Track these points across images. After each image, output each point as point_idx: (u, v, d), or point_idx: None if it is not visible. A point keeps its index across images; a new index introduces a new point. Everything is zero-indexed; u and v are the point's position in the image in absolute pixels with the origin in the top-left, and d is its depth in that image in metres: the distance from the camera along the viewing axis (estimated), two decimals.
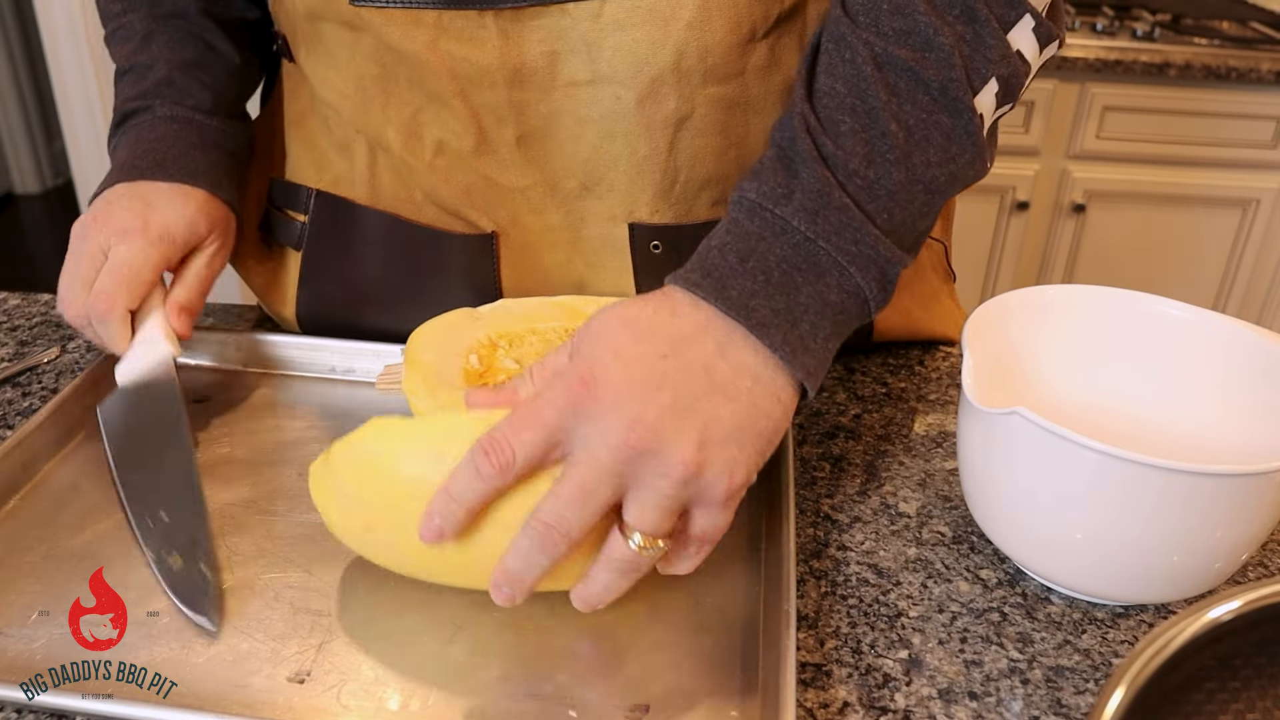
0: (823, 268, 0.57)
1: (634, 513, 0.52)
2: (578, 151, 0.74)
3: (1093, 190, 2.16)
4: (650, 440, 0.50)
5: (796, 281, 0.56)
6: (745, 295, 0.55)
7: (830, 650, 0.60)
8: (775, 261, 0.56)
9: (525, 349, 0.67)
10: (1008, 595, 0.65)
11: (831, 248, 0.57)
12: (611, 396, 0.51)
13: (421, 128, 0.76)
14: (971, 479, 0.66)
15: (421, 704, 0.54)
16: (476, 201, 0.78)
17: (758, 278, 0.56)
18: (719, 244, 0.58)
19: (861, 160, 0.58)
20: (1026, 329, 0.71)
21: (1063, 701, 0.57)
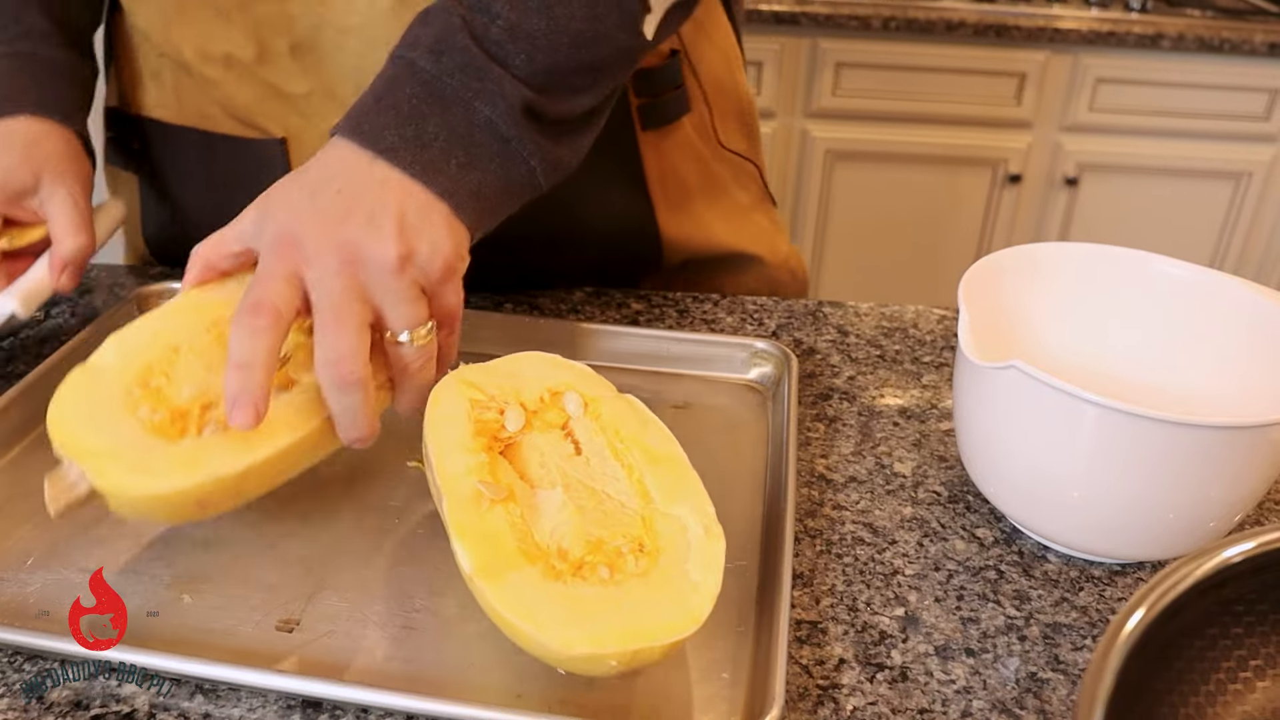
0: (448, 100, 0.61)
1: (390, 317, 0.58)
2: (345, 60, 0.78)
3: (1085, 163, 2.15)
4: (358, 251, 0.57)
5: (424, 112, 0.61)
6: (378, 129, 0.60)
7: (826, 608, 0.59)
8: (405, 98, 0.61)
9: (188, 369, 0.58)
10: (1004, 553, 0.64)
11: (455, 83, 0.61)
12: (315, 244, 0.57)
13: (210, 42, 0.80)
14: (968, 437, 0.65)
15: (408, 656, 0.54)
16: (267, 110, 0.82)
17: (388, 113, 0.61)
18: (365, 93, 0.63)
19: (505, 4, 0.63)
20: (1021, 287, 0.70)
21: (1060, 658, 0.57)
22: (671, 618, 0.48)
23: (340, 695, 0.50)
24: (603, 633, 0.47)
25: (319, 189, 0.59)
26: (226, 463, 0.54)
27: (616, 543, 0.53)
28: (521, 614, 0.48)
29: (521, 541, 0.52)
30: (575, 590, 0.50)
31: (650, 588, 0.50)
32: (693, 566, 0.51)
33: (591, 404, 0.60)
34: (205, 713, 0.51)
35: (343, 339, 0.55)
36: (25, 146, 0.75)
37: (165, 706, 0.52)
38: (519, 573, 0.50)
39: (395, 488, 0.65)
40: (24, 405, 0.68)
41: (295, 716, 0.51)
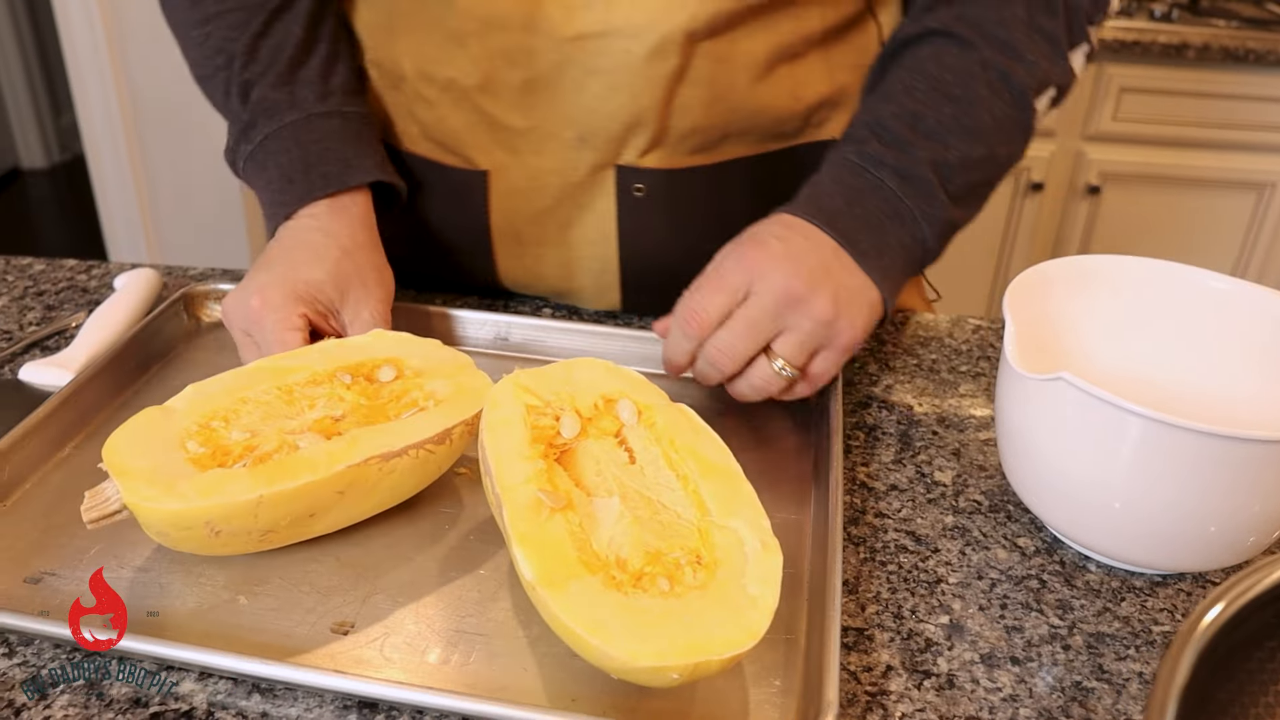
0: (905, 218, 0.73)
1: (783, 345, 0.69)
2: (580, 101, 0.78)
3: (1108, 172, 2.15)
4: (804, 290, 0.67)
5: (886, 225, 0.72)
6: (852, 230, 0.71)
7: (871, 615, 0.60)
8: (873, 208, 0.72)
9: (248, 417, 0.61)
10: (1046, 563, 0.64)
11: (913, 206, 0.73)
12: (775, 258, 0.68)
13: (435, 63, 0.79)
14: (1010, 446, 0.66)
15: (463, 659, 0.54)
16: (474, 139, 0.82)
17: (859, 221, 0.72)
18: (828, 191, 0.73)
19: (956, 137, 0.73)
20: (1065, 298, 0.71)
21: (1104, 668, 0.57)
22: (731, 632, 0.49)
23: (397, 697, 0.51)
24: (666, 646, 0.48)
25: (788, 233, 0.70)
26: (240, 490, 0.55)
27: (674, 554, 0.54)
28: (586, 625, 0.49)
29: (581, 551, 0.53)
30: (636, 602, 0.50)
31: (709, 601, 0.51)
32: (750, 580, 0.52)
33: (645, 412, 0.61)
34: (263, 711, 0.52)
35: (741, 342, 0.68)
36: (336, 260, 0.73)
37: (223, 705, 0.52)
38: (580, 582, 0.51)
39: (445, 495, 0.65)
40: (74, 407, 0.69)
41: (352, 717, 0.52)
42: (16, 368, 0.76)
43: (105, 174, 2.49)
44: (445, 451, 0.62)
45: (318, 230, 0.73)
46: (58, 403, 0.68)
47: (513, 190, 0.83)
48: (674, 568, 0.53)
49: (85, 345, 0.76)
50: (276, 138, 0.76)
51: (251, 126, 0.77)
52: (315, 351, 0.66)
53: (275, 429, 0.61)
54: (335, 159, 0.75)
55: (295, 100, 0.77)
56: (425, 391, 0.65)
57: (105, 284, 0.90)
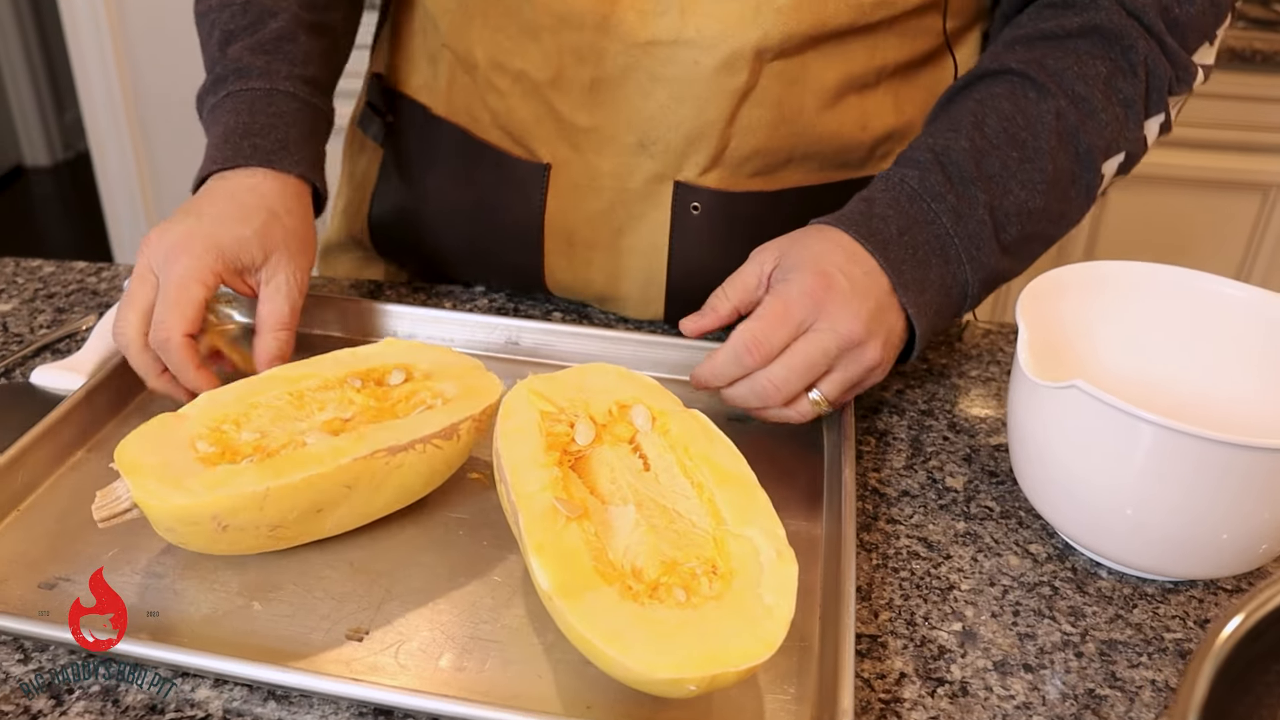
0: (951, 259, 0.71)
1: (829, 384, 0.68)
2: (644, 107, 0.78)
3: None
4: (864, 336, 0.67)
5: (932, 262, 0.70)
6: (899, 260, 0.69)
7: (884, 622, 0.60)
8: (923, 241, 0.70)
9: (259, 420, 0.61)
10: (1058, 570, 0.64)
11: (961, 246, 0.71)
12: (842, 297, 0.67)
13: (507, 54, 0.80)
14: (1022, 453, 0.66)
15: (477, 666, 0.54)
16: (540, 132, 0.82)
17: (908, 250, 0.70)
18: (881, 213, 0.71)
19: (1018, 184, 0.71)
20: (1078, 304, 0.71)
21: (1117, 675, 0.57)
22: (748, 643, 0.49)
23: (413, 704, 0.51)
24: (683, 657, 0.48)
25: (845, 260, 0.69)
26: (246, 483, 0.56)
27: (690, 564, 0.54)
28: (604, 636, 0.49)
29: (597, 560, 0.53)
30: (653, 613, 0.50)
31: (725, 612, 0.51)
32: (766, 590, 0.52)
33: (659, 418, 0.61)
34: (279, 718, 0.52)
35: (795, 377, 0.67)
36: (265, 221, 0.72)
37: (239, 712, 0.52)
38: (596, 593, 0.51)
39: (458, 501, 0.65)
40: (85, 411, 0.70)
41: None
42: (28, 371, 0.77)
43: (110, 171, 2.49)
44: (454, 448, 0.62)
45: (252, 191, 0.73)
46: (70, 407, 0.68)
47: (571, 187, 0.83)
48: (690, 578, 0.53)
49: (96, 348, 0.76)
50: (237, 97, 0.76)
51: (221, 81, 0.77)
52: (328, 360, 0.66)
53: (285, 429, 0.61)
54: (275, 138, 0.75)
55: (268, 70, 0.77)
56: (434, 391, 0.65)
57: (115, 286, 0.90)
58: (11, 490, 0.63)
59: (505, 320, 0.81)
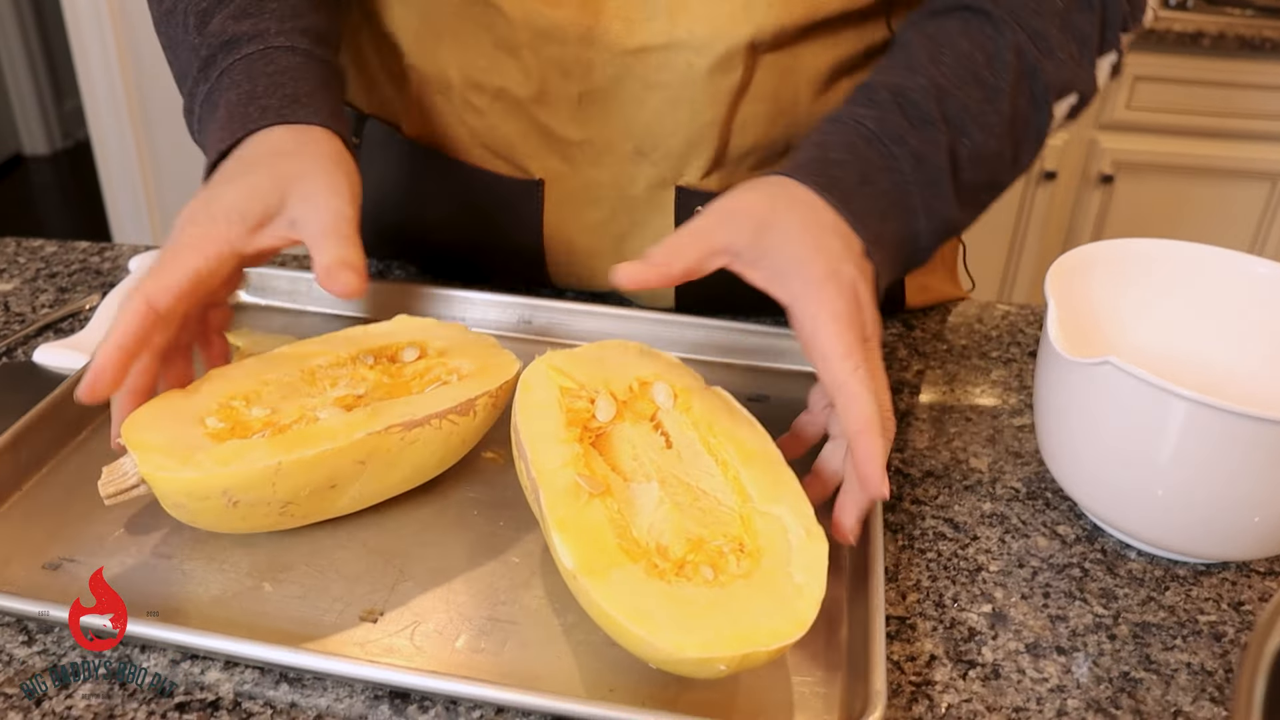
0: (907, 209, 0.65)
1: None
2: (638, 115, 0.74)
3: (1121, 161, 2.13)
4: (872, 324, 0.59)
5: (889, 214, 0.64)
6: (864, 214, 0.62)
7: (913, 603, 0.58)
8: (883, 191, 0.64)
9: (269, 397, 0.59)
10: (1087, 551, 0.63)
11: (919, 195, 0.65)
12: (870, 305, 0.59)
13: (484, 73, 0.75)
14: (1050, 432, 0.64)
15: (496, 648, 0.53)
16: (528, 148, 0.78)
17: (869, 201, 0.63)
18: (839, 158, 0.64)
19: (977, 126, 0.66)
20: (1104, 281, 0.69)
21: (1152, 658, 0.56)
22: (778, 622, 0.48)
23: (430, 686, 0.49)
24: (712, 637, 0.46)
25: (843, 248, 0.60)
26: (258, 458, 0.54)
27: (717, 542, 0.52)
28: (630, 615, 0.47)
29: (621, 538, 0.51)
30: (680, 591, 0.49)
31: (755, 590, 0.49)
32: (796, 569, 0.50)
33: (681, 395, 0.59)
34: (291, 701, 0.51)
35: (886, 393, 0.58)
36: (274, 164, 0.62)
37: (250, 695, 0.51)
38: (621, 570, 0.49)
39: (474, 480, 0.64)
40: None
41: (383, 707, 0.50)
42: (30, 350, 0.75)
43: (110, 158, 2.47)
44: (469, 425, 0.60)
45: (262, 144, 0.63)
46: (73, 384, 0.66)
47: (568, 199, 0.80)
48: (717, 555, 0.51)
49: (101, 327, 0.75)
50: (231, 72, 0.66)
51: (210, 63, 0.67)
52: (338, 338, 0.65)
53: (296, 406, 0.59)
54: (282, 95, 0.65)
55: (258, 32, 0.66)
56: (449, 368, 0.63)
57: (119, 266, 0.88)
58: (14, 470, 0.61)
59: (518, 299, 0.79)
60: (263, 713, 0.50)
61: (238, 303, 0.81)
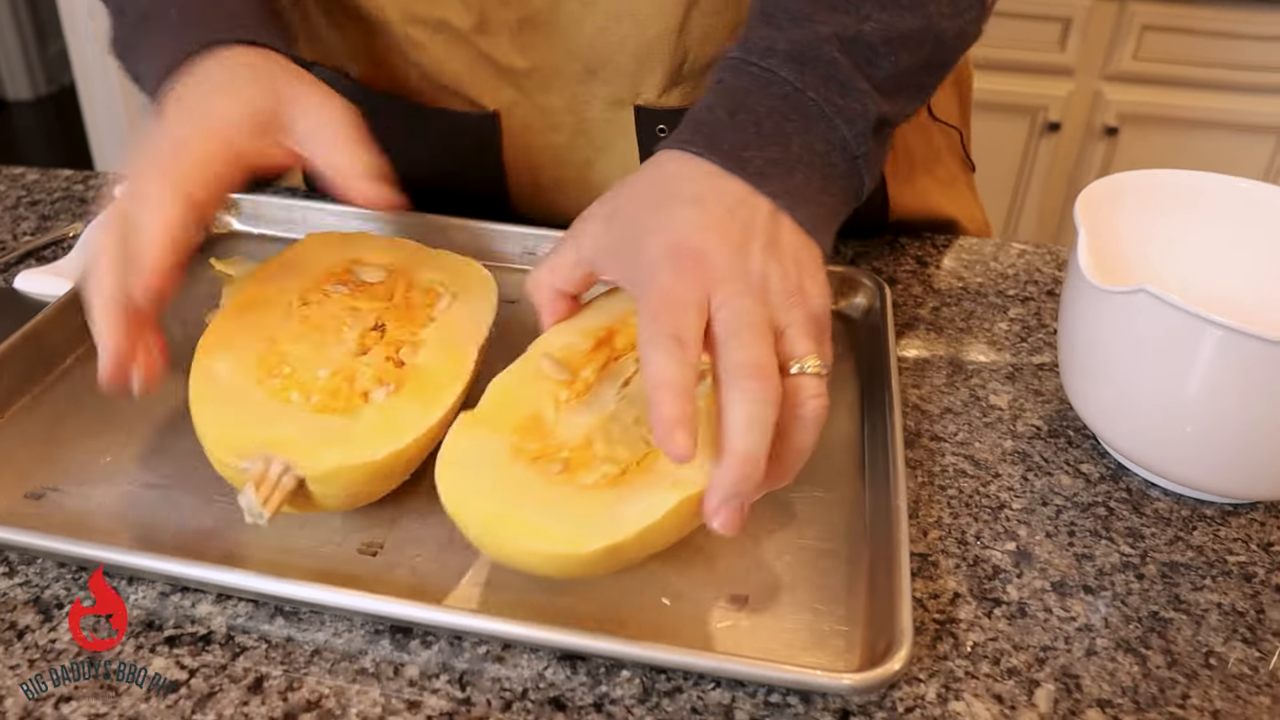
0: (811, 118, 0.55)
1: (797, 344, 0.49)
2: (580, 35, 0.71)
3: (1126, 113, 2.10)
4: (765, 281, 0.50)
5: (787, 131, 0.54)
6: (737, 147, 0.53)
7: (934, 540, 0.56)
8: (765, 113, 0.54)
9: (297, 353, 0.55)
10: (1111, 490, 0.61)
11: (820, 98, 0.55)
12: (724, 262, 0.49)
13: (421, 5, 0.72)
14: (1077, 367, 0.62)
15: (504, 581, 0.50)
16: (477, 81, 0.75)
17: (748, 129, 0.53)
18: (706, 103, 0.56)
19: (874, 5, 0.56)
20: (1134, 212, 0.66)
21: (1181, 598, 0.54)
22: (552, 529, 0.46)
23: (434, 619, 0.47)
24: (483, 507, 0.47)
25: (693, 212, 0.51)
26: (415, 426, 0.52)
27: (604, 458, 0.50)
28: (443, 462, 0.49)
29: (531, 418, 0.52)
30: (506, 468, 0.49)
31: (573, 500, 0.48)
32: (631, 506, 0.47)
33: None
34: (287, 636, 0.48)
35: (763, 350, 0.47)
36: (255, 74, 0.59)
37: (244, 629, 0.48)
38: (490, 434, 0.50)
39: None
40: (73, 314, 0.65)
41: (384, 641, 0.48)
42: (11, 277, 0.72)
43: (96, 103, 2.42)
44: None
45: (226, 60, 0.59)
46: (57, 310, 0.63)
47: (525, 129, 0.77)
48: (586, 465, 0.50)
49: (84, 253, 0.71)
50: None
51: None
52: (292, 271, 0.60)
53: (340, 357, 0.55)
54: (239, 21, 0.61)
55: None
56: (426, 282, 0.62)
57: (104, 194, 0.84)
58: None
59: (522, 229, 0.76)
60: (257, 647, 0.48)
61: (229, 231, 0.78)
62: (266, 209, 0.78)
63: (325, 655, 0.47)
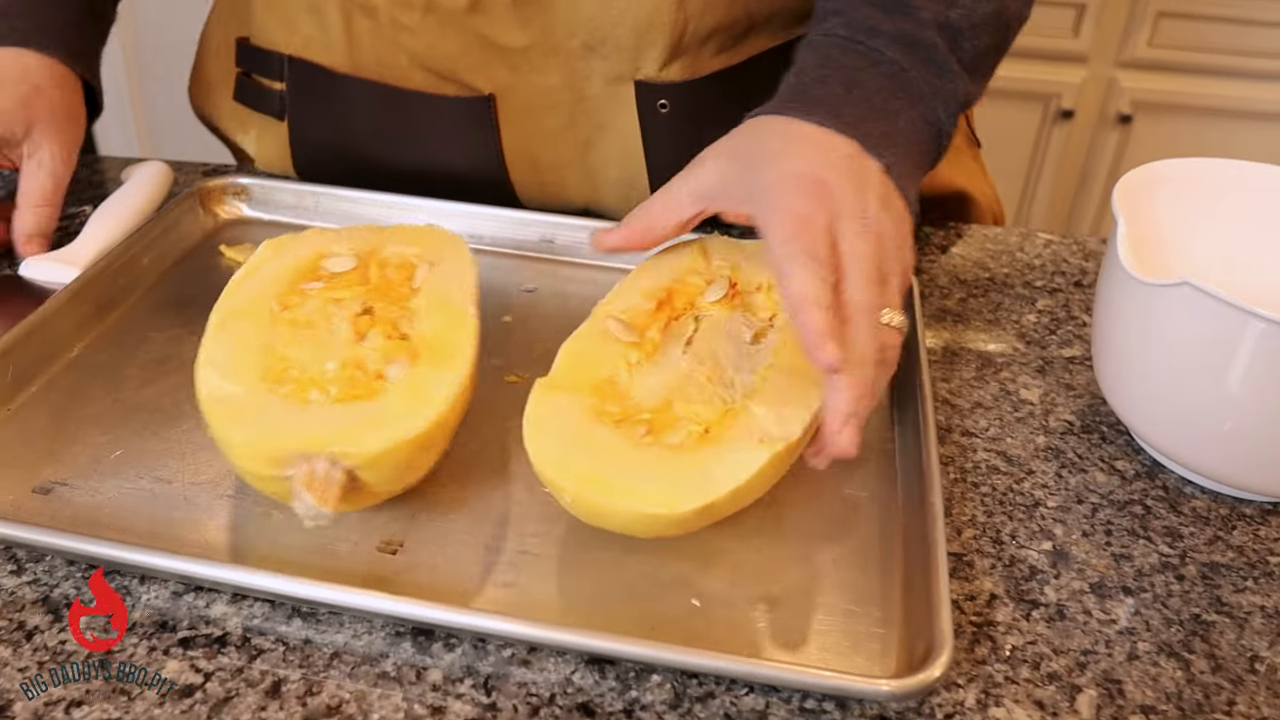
0: (914, 96, 0.59)
1: (892, 298, 0.52)
2: (580, 8, 0.70)
3: (1140, 101, 2.07)
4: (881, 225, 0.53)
5: (894, 108, 0.58)
6: (856, 119, 0.56)
7: (969, 540, 0.54)
8: (875, 89, 0.58)
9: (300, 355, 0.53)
10: (1148, 488, 0.59)
11: (921, 79, 0.59)
12: (848, 197, 0.52)
13: None
14: (1112, 361, 0.60)
15: (527, 581, 0.49)
16: (471, 63, 0.73)
17: (863, 104, 0.57)
18: (816, 77, 0.59)
19: None
20: (1169, 202, 0.65)
21: (1223, 600, 0.52)
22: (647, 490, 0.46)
23: (458, 622, 0.45)
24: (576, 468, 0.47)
25: (815, 152, 0.54)
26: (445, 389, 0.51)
27: (684, 417, 0.51)
28: (531, 426, 0.49)
29: (606, 379, 0.52)
30: (593, 432, 0.49)
31: (662, 460, 0.48)
32: (721, 463, 0.48)
33: None
34: (305, 638, 0.47)
35: (877, 295, 0.50)
36: (27, 94, 0.69)
37: (260, 630, 0.47)
38: (569, 396, 0.51)
39: (499, 403, 0.59)
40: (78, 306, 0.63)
41: (405, 644, 0.47)
42: (16, 263, 0.70)
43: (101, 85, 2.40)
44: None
45: (13, 64, 0.69)
46: (66, 298, 0.62)
47: (523, 111, 0.75)
48: (669, 425, 0.50)
49: (92, 239, 0.70)
50: None
51: None
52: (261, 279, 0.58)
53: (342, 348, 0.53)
54: (32, 21, 0.71)
55: None
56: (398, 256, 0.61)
57: (110, 179, 0.83)
58: (1, 388, 0.57)
59: (540, 216, 0.74)
60: (274, 649, 0.46)
61: (240, 217, 0.76)
62: (277, 194, 0.76)
63: (345, 658, 0.46)
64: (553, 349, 0.55)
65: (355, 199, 0.75)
